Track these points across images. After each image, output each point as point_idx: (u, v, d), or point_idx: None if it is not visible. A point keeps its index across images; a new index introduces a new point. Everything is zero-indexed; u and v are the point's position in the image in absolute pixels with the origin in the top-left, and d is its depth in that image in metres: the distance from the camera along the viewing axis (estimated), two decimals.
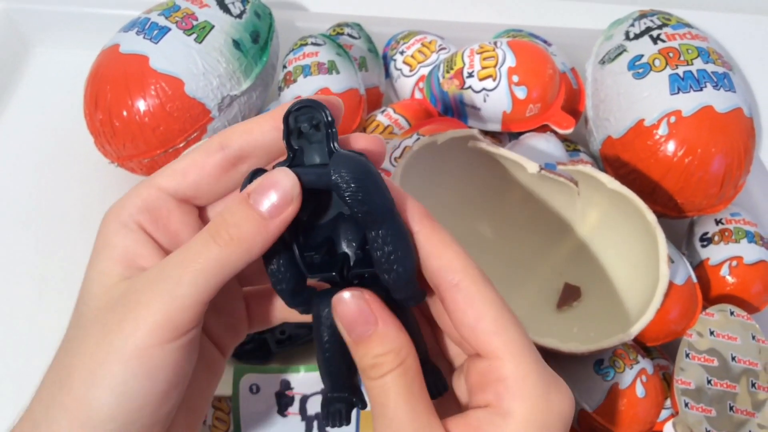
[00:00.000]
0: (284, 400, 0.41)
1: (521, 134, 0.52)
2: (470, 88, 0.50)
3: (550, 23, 0.64)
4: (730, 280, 0.47)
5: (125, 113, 0.48)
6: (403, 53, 0.58)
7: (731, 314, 0.43)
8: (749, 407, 0.40)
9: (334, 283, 0.24)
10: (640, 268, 0.42)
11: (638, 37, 0.51)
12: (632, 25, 0.53)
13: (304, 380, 0.41)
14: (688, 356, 0.41)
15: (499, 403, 0.22)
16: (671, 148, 0.46)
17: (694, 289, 0.45)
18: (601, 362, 0.42)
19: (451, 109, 0.52)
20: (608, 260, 0.45)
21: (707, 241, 0.49)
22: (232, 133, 0.25)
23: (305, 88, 0.50)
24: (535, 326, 0.42)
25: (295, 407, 0.41)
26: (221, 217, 0.22)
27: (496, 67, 0.49)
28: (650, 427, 0.42)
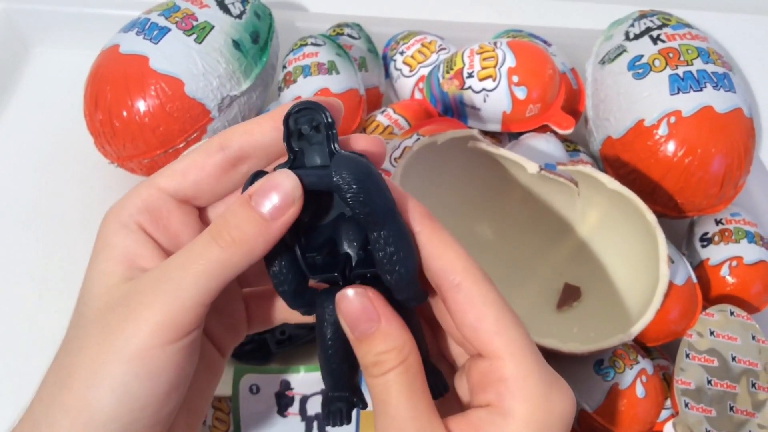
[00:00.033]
0: (284, 400, 0.40)
1: (521, 134, 0.52)
2: (470, 88, 0.50)
3: (550, 23, 0.64)
4: (730, 280, 0.47)
5: (125, 113, 0.48)
6: (403, 53, 0.58)
7: (731, 314, 0.43)
8: (749, 407, 0.40)
9: (335, 283, 0.24)
10: (640, 268, 0.42)
11: (638, 37, 0.51)
12: (632, 25, 0.53)
13: (304, 381, 0.41)
14: (688, 356, 0.41)
15: (499, 402, 0.22)
16: (671, 148, 0.46)
17: (694, 289, 0.45)
18: (601, 362, 0.42)
19: (451, 109, 0.52)
20: (608, 260, 0.45)
21: (707, 241, 0.49)
22: (232, 133, 0.25)
23: (305, 88, 0.50)
24: (535, 326, 0.42)
25: (295, 407, 0.41)
26: (223, 218, 0.22)
27: (496, 67, 0.49)
28: (650, 427, 0.42)
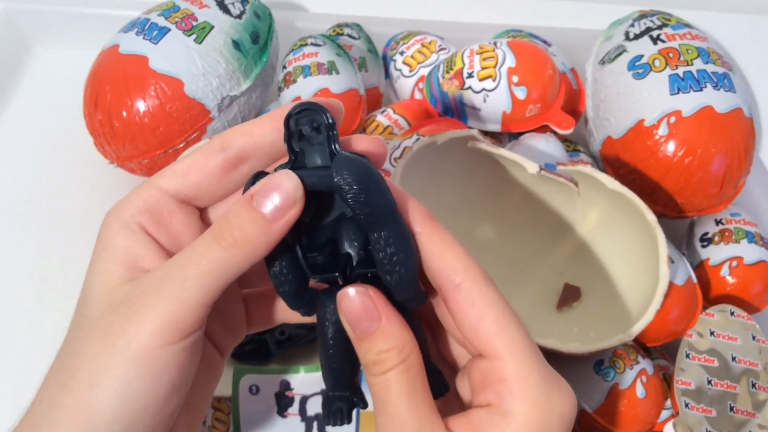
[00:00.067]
0: (284, 400, 0.40)
1: (521, 134, 0.52)
2: (470, 88, 0.50)
3: (550, 23, 0.64)
4: (730, 280, 0.47)
5: (125, 114, 0.48)
6: (402, 54, 0.58)
7: (731, 314, 0.43)
8: (750, 407, 0.40)
9: (335, 283, 0.24)
10: (640, 268, 0.42)
11: (638, 37, 0.51)
12: (632, 25, 0.53)
13: (303, 381, 0.41)
14: (688, 356, 0.41)
15: (500, 402, 0.22)
16: (671, 148, 0.46)
17: (694, 289, 0.45)
18: (601, 363, 0.42)
19: (450, 109, 0.52)
20: (608, 260, 0.45)
21: (707, 241, 0.49)
22: (232, 134, 0.25)
23: (305, 88, 0.50)
24: (535, 327, 0.42)
25: (294, 408, 0.40)
26: (225, 219, 0.22)
27: (495, 67, 0.49)
28: (650, 427, 0.42)
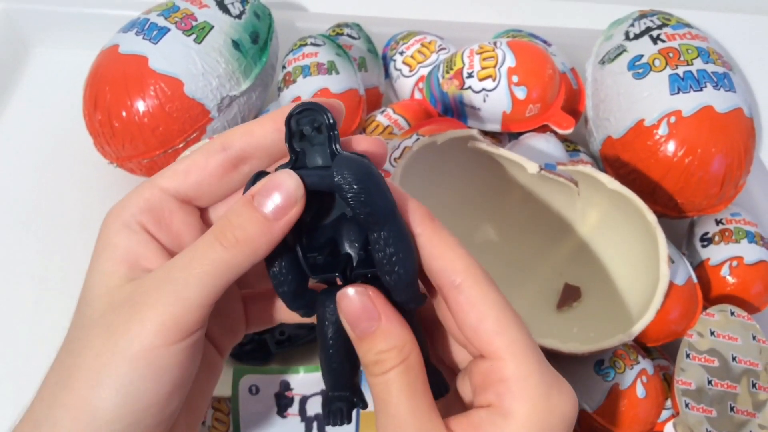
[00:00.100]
0: (284, 401, 0.40)
1: (521, 134, 0.52)
2: (470, 88, 0.50)
3: (550, 23, 0.64)
4: (730, 280, 0.47)
5: (124, 114, 0.48)
6: (402, 53, 0.58)
7: (732, 314, 0.43)
8: (750, 408, 0.40)
9: (334, 283, 0.24)
10: (640, 268, 0.42)
11: (638, 37, 0.51)
12: (632, 25, 0.53)
13: (303, 381, 0.41)
14: (688, 356, 0.41)
15: (500, 403, 0.22)
16: (671, 148, 0.46)
17: (694, 289, 0.45)
18: (601, 363, 0.42)
19: (450, 109, 0.52)
20: (608, 260, 0.45)
21: (707, 241, 0.49)
22: (233, 134, 0.25)
23: (304, 88, 0.50)
24: (535, 327, 0.42)
25: (294, 408, 0.40)
26: (226, 219, 0.23)
27: (495, 67, 0.49)
28: (651, 427, 0.42)
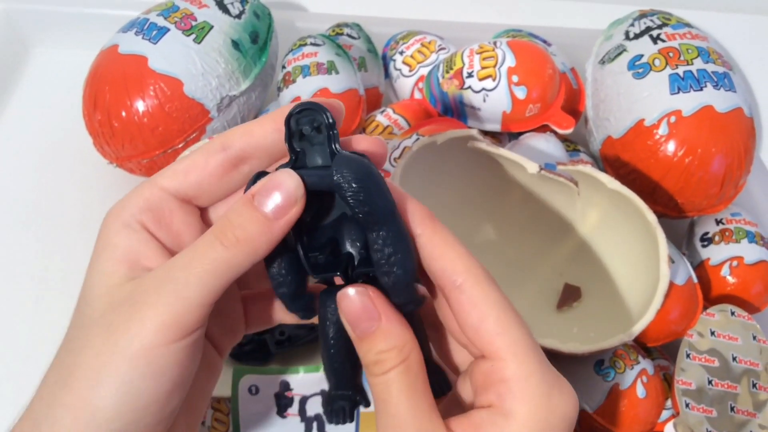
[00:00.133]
0: (283, 401, 0.40)
1: (521, 134, 0.52)
2: (470, 88, 0.50)
3: (550, 23, 0.64)
4: (730, 280, 0.47)
5: (124, 114, 0.48)
6: (402, 53, 0.58)
7: (732, 314, 0.43)
8: (750, 408, 0.40)
9: (332, 283, 0.24)
10: (640, 268, 0.42)
11: (638, 36, 0.51)
12: (632, 24, 0.52)
13: (303, 381, 0.41)
14: (688, 356, 0.41)
15: (501, 403, 0.22)
16: (671, 148, 0.46)
17: (694, 289, 0.45)
18: (601, 363, 0.42)
19: (450, 109, 0.52)
20: (608, 260, 0.45)
21: (708, 241, 0.49)
22: (233, 134, 0.25)
23: (304, 88, 0.50)
24: (535, 327, 0.41)
25: (294, 408, 0.40)
26: (226, 218, 0.23)
27: (495, 67, 0.49)
28: (651, 427, 0.42)
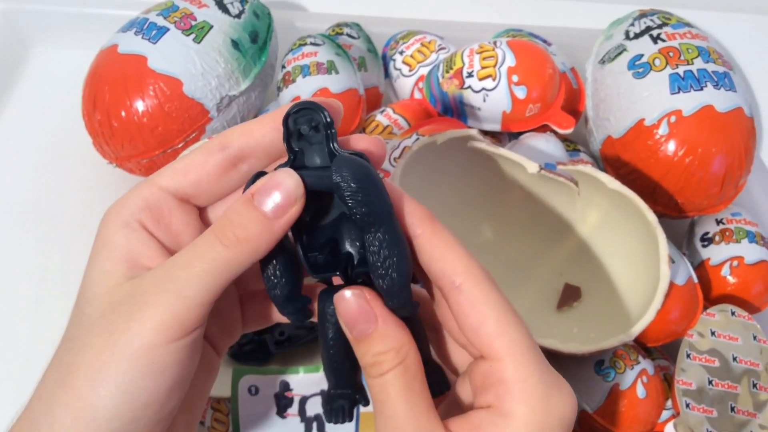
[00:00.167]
0: (283, 401, 0.40)
1: (521, 134, 0.51)
2: (470, 87, 0.50)
3: (550, 23, 0.64)
4: (731, 280, 0.47)
5: (123, 114, 0.48)
6: (402, 53, 0.58)
7: (732, 314, 0.43)
8: (751, 408, 0.40)
9: (330, 283, 0.24)
10: (640, 268, 0.42)
11: (638, 36, 0.51)
12: (632, 24, 0.52)
13: (303, 381, 0.41)
14: (689, 357, 0.41)
15: (500, 404, 0.22)
16: (671, 147, 0.46)
17: (694, 289, 0.45)
18: (601, 363, 0.42)
19: (450, 109, 0.52)
20: (608, 260, 0.45)
21: (708, 241, 0.49)
22: (232, 133, 0.25)
23: (304, 88, 0.50)
24: (535, 327, 0.41)
25: (294, 408, 0.40)
26: (226, 218, 0.23)
27: (495, 66, 0.49)
28: (651, 427, 0.42)
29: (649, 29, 0.51)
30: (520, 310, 0.24)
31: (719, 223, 0.49)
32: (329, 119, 0.23)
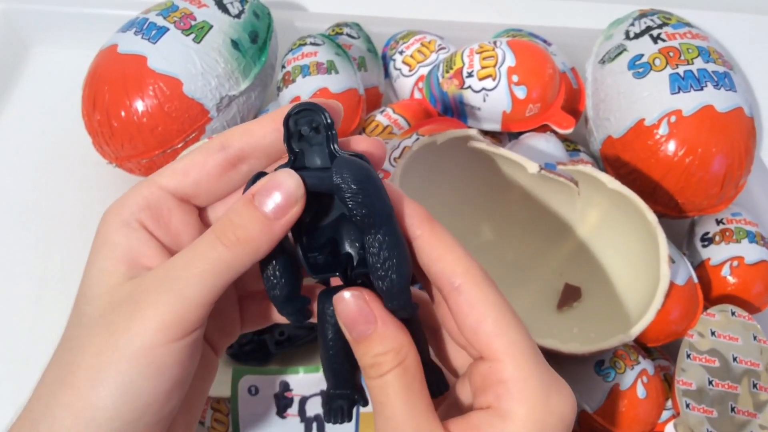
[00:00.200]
0: (283, 401, 0.40)
1: (521, 134, 0.51)
2: (470, 87, 0.50)
3: (550, 23, 0.64)
4: (731, 280, 0.47)
5: (123, 114, 0.48)
6: (402, 53, 0.58)
7: (732, 314, 0.43)
8: (751, 408, 0.40)
9: (328, 284, 0.24)
10: (640, 268, 0.42)
11: (638, 36, 0.51)
12: (632, 24, 0.52)
13: (303, 381, 0.41)
14: (689, 357, 0.41)
15: (499, 404, 0.22)
16: (672, 147, 0.46)
17: (695, 289, 0.45)
18: (601, 363, 0.42)
19: (450, 109, 0.52)
20: (609, 260, 0.45)
21: (708, 241, 0.49)
22: (232, 134, 0.25)
23: (304, 88, 0.50)
24: (535, 327, 0.42)
25: (294, 408, 0.40)
26: (227, 218, 0.23)
27: (495, 66, 0.49)
28: (651, 428, 0.42)
29: (649, 29, 0.51)
30: (520, 310, 0.24)
31: (719, 223, 0.49)
32: (330, 120, 0.23)
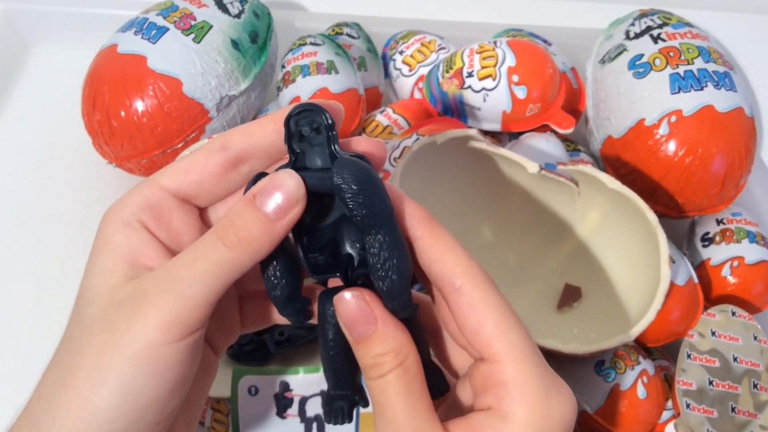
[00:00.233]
0: (283, 401, 0.40)
1: (521, 134, 0.51)
2: (470, 87, 0.50)
3: (550, 23, 0.64)
4: (731, 280, 0.47)
5: (123, 114, 0.48)
6: (402, 53, 0.58)
7: (733, 315, 0.43)
8: (751, 408, 0.40)
9: (326, 285, 0.24)
10: (641, 268, 0.42)
11: (638, 36, 0.51)
12: (632, 24, 0.52)
13: (303, 382, 0.41)
14: (689, 357, 0.41)
15: (499, 406, 0.22)
16: (672, 147, 0.46)
17: (695, 289, 0.45)
18: (601, 363, 0.42)
19: (450, 109, 0.52)
20: (609, 260, 0.45)
21: (708, 241, 0.49)
22: (233, 134, 0.25)
23: (304, 88, 0.50)
24: (535, 327, 0.41)
25: (294, 409, 0.40)
26: (228, 218, 0.23)
27: (495, 66, 0.49)
28: (651, 428, 0.42)
29: (649, 29, 0.51)
30: (520, 310, 0.24)
31: (720, 223, 0.49)
32: (330, 121, 0.23)
